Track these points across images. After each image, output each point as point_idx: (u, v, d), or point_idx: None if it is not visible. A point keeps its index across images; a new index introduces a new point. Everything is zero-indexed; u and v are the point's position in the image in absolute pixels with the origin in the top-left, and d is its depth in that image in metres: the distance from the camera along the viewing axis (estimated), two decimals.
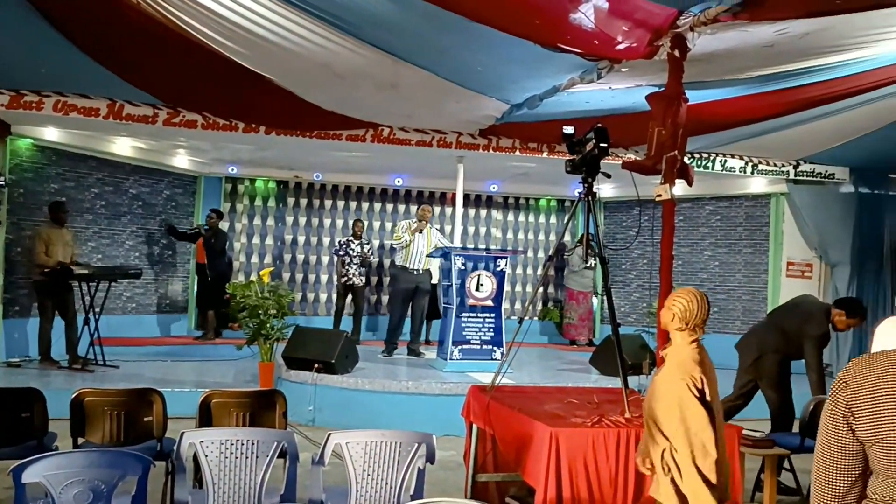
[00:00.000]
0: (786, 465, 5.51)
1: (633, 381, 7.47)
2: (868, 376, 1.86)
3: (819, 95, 7.47)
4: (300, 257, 12.34)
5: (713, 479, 3.06)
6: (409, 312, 9.47)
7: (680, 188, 7.38)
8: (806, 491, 5.56)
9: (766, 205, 10.93)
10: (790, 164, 10.13)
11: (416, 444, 3.52)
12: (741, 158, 9.97)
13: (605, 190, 12.14)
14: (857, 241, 10.30)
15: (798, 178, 10.24)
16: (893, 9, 5.26)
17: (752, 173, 10.17)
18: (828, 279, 10.49)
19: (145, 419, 4.50)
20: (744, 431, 4.61)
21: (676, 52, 5.03)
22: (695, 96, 6.85)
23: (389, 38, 6.18)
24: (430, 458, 3.56)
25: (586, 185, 4.66)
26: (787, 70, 6.67)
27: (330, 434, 3.51)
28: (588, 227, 4.72)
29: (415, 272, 9.26)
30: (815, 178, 10.28)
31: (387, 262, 12.42)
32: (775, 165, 10.12)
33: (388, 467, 3.47)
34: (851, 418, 1.86)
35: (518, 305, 12.79)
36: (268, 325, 8.04)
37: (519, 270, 12.97)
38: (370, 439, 3.46)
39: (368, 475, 3.46)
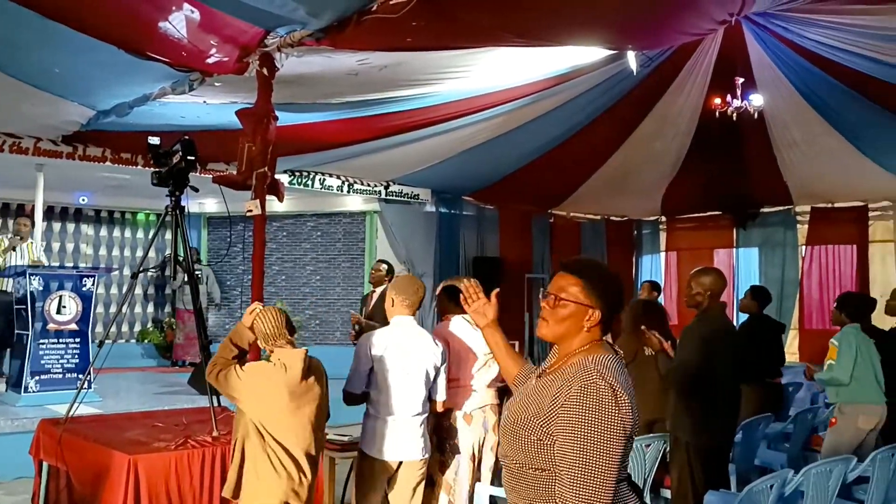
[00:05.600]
0: None
1: None
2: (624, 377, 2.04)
3: (402, 124, 8.26)
4: None
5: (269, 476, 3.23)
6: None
7: (284, 204, 7.55)
8: None
9: (362, 222, 11.69)
10: (382, 185, 10.99)
11: None
12: (339, 178, 10.54)
13: (210, 205, 11.91)
14: (438, 254, 11.56)
15: (388, 197, 11.15)
16: (454, 52, 6.07)
17: (349, 192, 10.82)
18: None
19: None
20: (329, 436, 4.83)
21: (265, 71, 5.15)
22: (293, 118, 7.10)
23: None
24: None
25: (173, 198, 4.55)
26: (373, 98, 7.25)
27: None
28: (176, 242, 4.57)
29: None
30: (403, 199, 11.30)
31: None
32: (369, 185, 10.89)
33: None
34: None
35: (114, 328, 11.84)
36: None
37: (114, 290, 12.02)
38: None
39: None
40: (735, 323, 8.36)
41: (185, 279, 4.58)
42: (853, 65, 7.20)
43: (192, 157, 4.39)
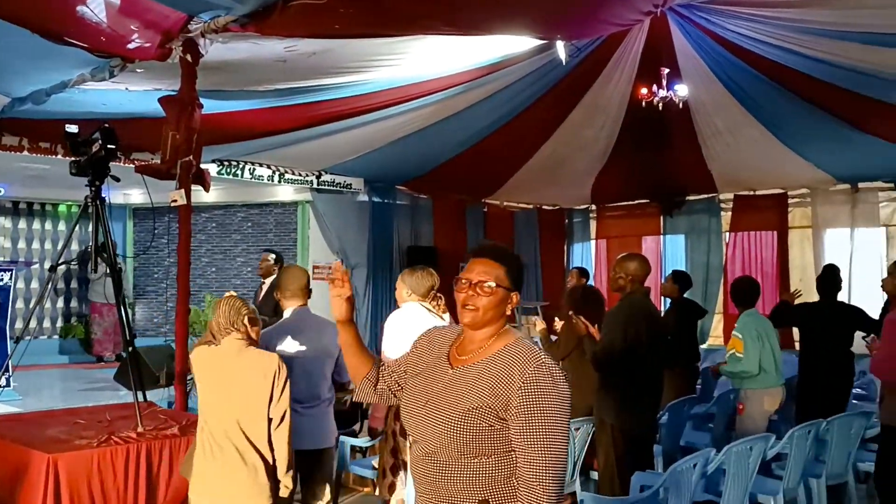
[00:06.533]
0: None
1: (163, 393, 7.25)
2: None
3: (333, 112, 8.15)
4: None
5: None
6: None
7: (214, 195, 7.36)
8: None
9: (294, 212, 11.55)
10: (313, 175, 10.83)
11: None
12: (269, 167, 10.35)
13: (135, 196, 11.57)
14: (371, 244, 11.47)
15: (321, 187, 11.00)
16: (385, 39, 6.02)
17: (280, 182, 10.64)
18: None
19: None
20: None
21: (189, 57, 5.02)
22: (219, 105, 6.93)
23: None
24: None
25: (93, 188, 4.42)
26: (302, 86, 7.13)
27: None
28: (97, 234, 4.43)
29: None
30: (335, 188, 11.17)
31: None
32: (300, 175, 10.72)
33: None
34: None
35: (34, 324, 11.41)
36: None
37: (34, 285, 11.58)
38: None
39: None
40: (661, 308, 8.61)
41: (107, 272, 4.46)
42: (772, 56, 7.42)
43: (113, 146, 4.26)
